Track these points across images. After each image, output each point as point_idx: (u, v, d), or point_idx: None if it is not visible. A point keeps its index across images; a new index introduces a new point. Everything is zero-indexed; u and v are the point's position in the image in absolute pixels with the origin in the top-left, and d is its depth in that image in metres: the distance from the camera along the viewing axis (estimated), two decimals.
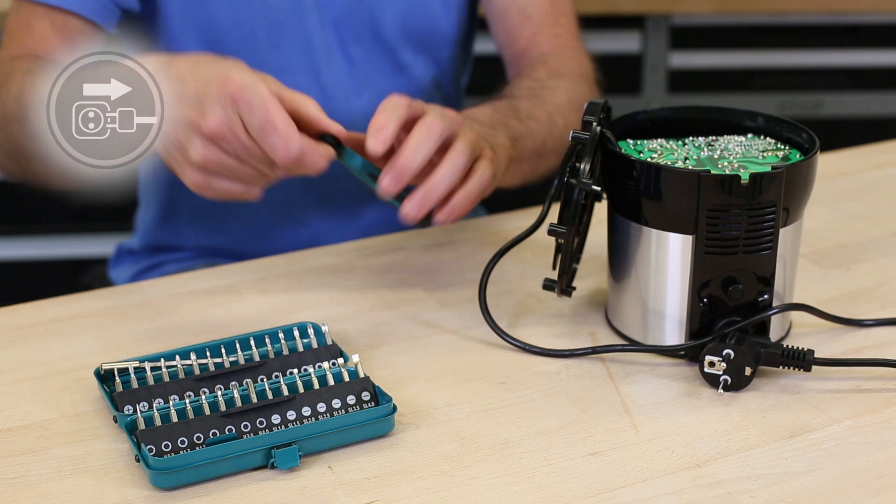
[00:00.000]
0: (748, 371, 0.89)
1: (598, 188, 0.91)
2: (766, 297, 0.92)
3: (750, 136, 1.00)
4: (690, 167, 0.93)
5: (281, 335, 0.92)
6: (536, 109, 1.14)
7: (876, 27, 2.43)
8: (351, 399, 0.86)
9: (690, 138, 1.00)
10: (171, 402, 0.84)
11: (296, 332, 0.93)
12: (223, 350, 0.90)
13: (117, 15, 1.20)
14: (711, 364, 0.89)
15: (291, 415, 0.84)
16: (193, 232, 1.38)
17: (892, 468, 0.82)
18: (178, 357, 0.89)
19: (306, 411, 0.84)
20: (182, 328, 0.99)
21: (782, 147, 0.98)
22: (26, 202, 2.15)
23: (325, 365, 0.88)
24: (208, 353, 0.90)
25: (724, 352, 0.89)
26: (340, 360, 0.89)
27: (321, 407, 0.85)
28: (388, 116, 0.95)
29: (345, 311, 1.02)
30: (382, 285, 1.06)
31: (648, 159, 0.94)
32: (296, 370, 0.89)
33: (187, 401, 0.84)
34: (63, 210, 2.07)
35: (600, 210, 1.00)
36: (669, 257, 0.92)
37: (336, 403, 0.85)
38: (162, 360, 0.89)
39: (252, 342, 0.92)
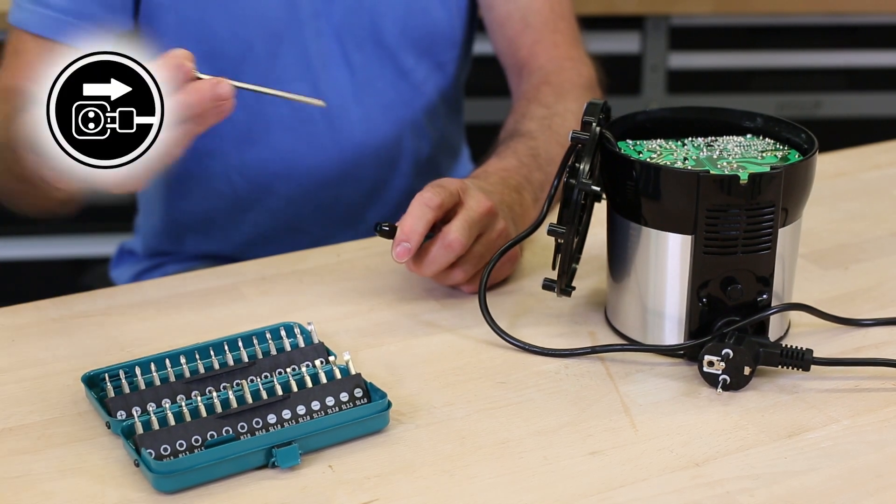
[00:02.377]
0: (747, 370, 0.89)
1: (598, 188, 0.92)
2: (764, 296, 0.92)
3: (749, 136, 1.00)
4: (690, 167, 0.93)
5: (268, 335, 0.92)
6: (552, 147, 1.15)
7: (875, 27, 2.43)
8: (344, 396, 0.86)
9: (690, 139, 1.00)
10: (166, 405, 0.84)
11: (282, 332, 0.93)
12: (211, 352, 0.90)
13: None
14: (710, 363, 0.89)
15: (287, 414, 0.84)
16: (195, 240, 1.39)
17: (891, 468, 0.82)
18: (167, 360, 0.89)
19: (301, 410, 0.85)
20: (183, 328, 0.99)
21: (781, 147, 0.98)
22: None
23: (317, 363, 0.88)
24: (197, 356, 0.90)
25: (724, 351, 0.89)
26: (332, 358, 0.89)
27: (315, 405, 0.85)
28: (413, 224, 0.97)
29: (345, 310, 1.02)
30: (382, 285, 1.06)
31: (648, 159, 0.95)
32: (287, 369, 0.89)
33: (182, 403, 0.84)
34: None
35: (600, 210, 1.00)
36: (669, 257, 0.92)
37: (330, 401, 0.86)
38: (152, 363, 0.88)
39: (240, 343, 0.92)
